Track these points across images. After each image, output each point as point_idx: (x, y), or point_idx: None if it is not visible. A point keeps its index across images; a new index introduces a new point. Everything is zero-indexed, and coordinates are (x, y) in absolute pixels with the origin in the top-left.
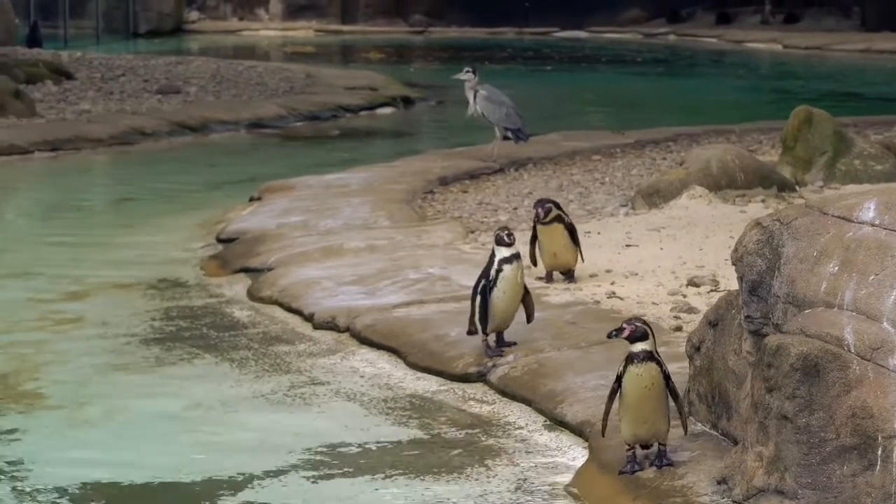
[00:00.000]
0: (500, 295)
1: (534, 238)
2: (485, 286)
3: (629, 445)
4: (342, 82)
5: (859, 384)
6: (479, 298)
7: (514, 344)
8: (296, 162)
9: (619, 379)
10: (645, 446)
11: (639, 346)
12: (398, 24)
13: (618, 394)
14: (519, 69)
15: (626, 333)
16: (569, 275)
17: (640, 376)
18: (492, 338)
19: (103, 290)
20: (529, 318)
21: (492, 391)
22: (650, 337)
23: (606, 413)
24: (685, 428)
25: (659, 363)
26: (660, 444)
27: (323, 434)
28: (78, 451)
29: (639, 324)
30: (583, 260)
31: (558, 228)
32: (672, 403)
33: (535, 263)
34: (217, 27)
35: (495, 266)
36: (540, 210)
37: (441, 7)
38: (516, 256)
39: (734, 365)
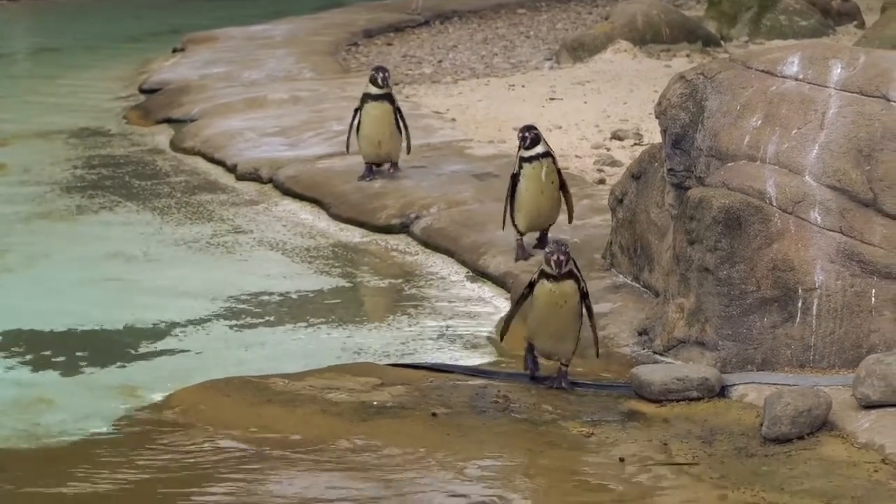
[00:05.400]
0: (521, 191)
1: (356, 116)
2: (512, 180)
3: (528, 344)
4: None
5: (781, 237)
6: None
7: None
8: (219, 14)
9: (531, 286)
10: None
11: (548, 269)
12: None
13: (528, 300)
14: None
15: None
16: (394, 167)
17: (553, 293)
18: (530, 238)
19: (24, 138)
20: (570, 218)
21: (415, 242)
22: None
23: (510, 318)
24: (597, 351)
25: (577, 279)
26: (562, 363)
27: (245, 282)
28: None
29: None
30: (408, 151)
31: (387, 110)
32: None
33: (348, 149)
34: None
35: (517, 163)
36: (381, 74)
37: None
38: (539, 156)
39: (656, 217)
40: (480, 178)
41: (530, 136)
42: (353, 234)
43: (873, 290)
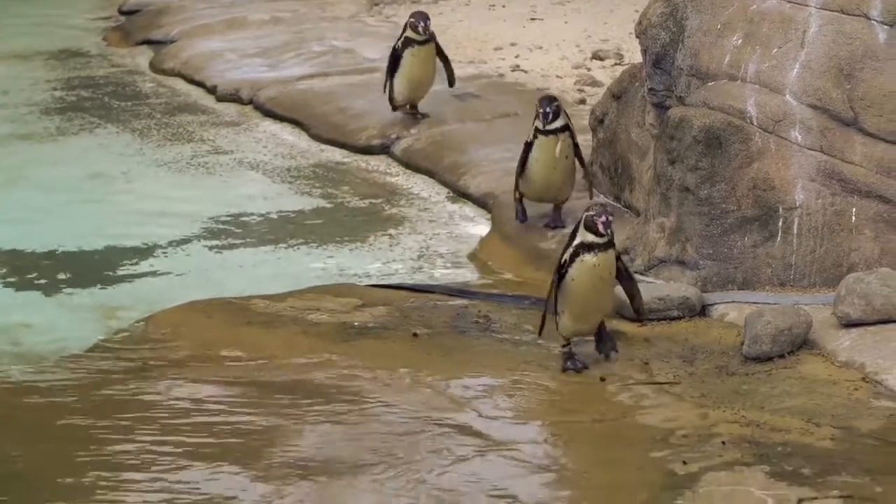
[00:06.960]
0: (533, 162)
1: (396, 58)
2: (525, 147)
3: (566, 340)
4: None
5: (761, 156)
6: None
7: (563, 227)
8: None
9: (561, 270)
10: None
11: (590, 237)
12: None
13: (560, 283)
14: None
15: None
16: (415, 110)
17: (597, 266)
18: (536, 207)
19: (2, 59)
20: (590, 194)
21: (395, 163)
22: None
23: (545, 315)
24: (641, 314)
25: (614, 244)
26: (603, 331)
27: (225, 203)
28: None
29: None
30: (451, 84)
31: (432, 52)
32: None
33: (384, 89)
34: None
35: (532, 132)
36: (421, 23)
37: None
38: (557, 130)
39: (637, 137)
40: (461, 98)
41: (552, 109)
42: (334, 155)
43: (854, 209)
